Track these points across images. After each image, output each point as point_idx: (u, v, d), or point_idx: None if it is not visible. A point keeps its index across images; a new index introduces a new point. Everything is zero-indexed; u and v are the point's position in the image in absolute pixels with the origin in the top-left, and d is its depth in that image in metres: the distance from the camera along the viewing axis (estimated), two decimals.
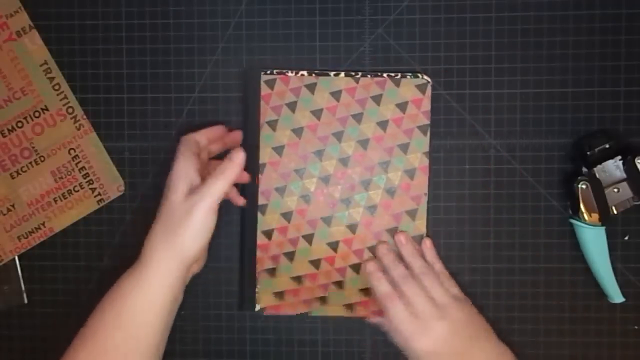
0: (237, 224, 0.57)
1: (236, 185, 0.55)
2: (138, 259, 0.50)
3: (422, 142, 0.55)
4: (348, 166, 0.55)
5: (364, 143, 0.55)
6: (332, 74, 0.55)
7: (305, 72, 0.55)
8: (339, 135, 0.55)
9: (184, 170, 0.50)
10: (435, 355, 0.49)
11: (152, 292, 0.48)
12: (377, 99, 0.55)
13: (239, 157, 0.49)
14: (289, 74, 0.55)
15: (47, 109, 0.57)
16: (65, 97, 0.57)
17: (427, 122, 0.55)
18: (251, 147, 0.55)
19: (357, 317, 0.56)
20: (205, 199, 0.48)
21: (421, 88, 0.55)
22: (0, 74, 0.57)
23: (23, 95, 0.57)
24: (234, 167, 0.49)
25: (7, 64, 0.57)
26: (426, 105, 0.55)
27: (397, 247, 0.55)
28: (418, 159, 0.55)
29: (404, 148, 0.55)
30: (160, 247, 0.49)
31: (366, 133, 0.55)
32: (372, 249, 0.56)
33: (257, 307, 0.56)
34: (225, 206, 0.56)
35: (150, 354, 0.48)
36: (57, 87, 0.57)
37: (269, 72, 0.55)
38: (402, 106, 0.55)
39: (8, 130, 0.58)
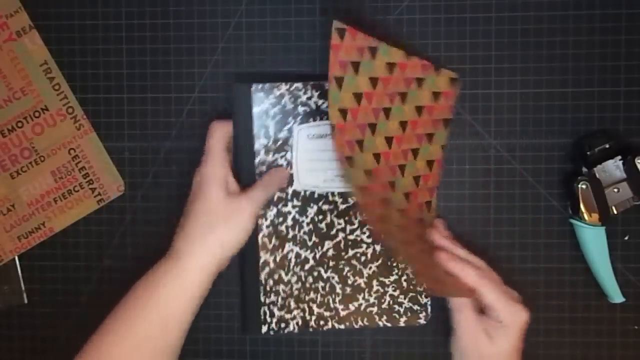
0: None
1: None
2: (170, 252, 0.50)
3: (442, 135, 0.55)
4: (391, 147, 0.53)
5: (404, 125, 0.53)
6: (385, 45, 0.51)
7: (370, 37, 0.50)
8: (387, 112, 0.52)
9: (221, 169, 0.51)
10: (525, 328, 0.50)
11: (187, 285, 0.49)
12: (419, 82, 0.53)
13: (285, 172, 0.53)
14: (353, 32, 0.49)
15: (47, 109, 0.57)
16: (65, 97, 0.57)
17: (451, 116, 0.55)
18: (247, 161, 0.53)
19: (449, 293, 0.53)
20: (253, 204, 0.50)
21: (453, 82, 0.54)
22: (0, 74, 0.57)
23: (23, 95, 0.57)
24: (283, 179, 0.53)
25: (7, 64, 0.57)
26: (452, 100, 0.55)
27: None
28: (437, 151, 0.55)
29: (429, 138, 0.54)
30: (199, 242, 0.49)
31: (407, 115, 0.53)
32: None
33: (264, 329, 0.55)
34: None
35: (174, 348, 0.49)
36: (57, 87, 0.57)
37: (340, 25, 0.48)
38: (436, 95, 0.54)
39: (8, 130, 0.57)
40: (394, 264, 0.56)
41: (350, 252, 0.56)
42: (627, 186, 0.53)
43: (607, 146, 0.53)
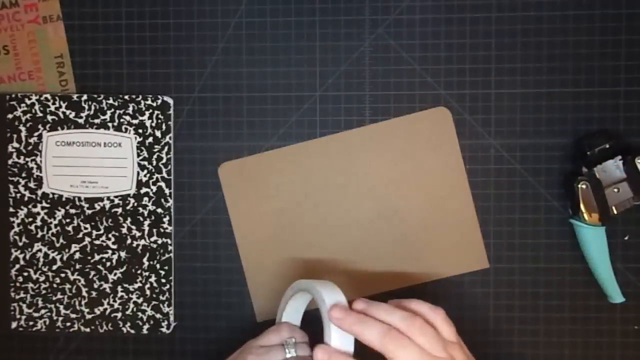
0: None
1: None
2: None
3: None
4: None
5: None
6: None
7: None
8: None
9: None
10: None
11: None
12: None
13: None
14: None
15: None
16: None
17: None
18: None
19: None
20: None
21: None
22: (14, 51, 0.57)
23: (28, 79, 0.57)
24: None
25: (24, 44, 0.57)
26: None
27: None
28: None
29: None
30: None
31: None
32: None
33: (14, 325, 0.57)
34: (225, 204, 0.56)
35: None
36: (63, 83, 0.57)
37: None
38: None
39: None
40: (138, 272, 0.57)
41: (97, 257, 0.57)
42: (627, 186, 0.53)
43: (607, 146, 0.53)
